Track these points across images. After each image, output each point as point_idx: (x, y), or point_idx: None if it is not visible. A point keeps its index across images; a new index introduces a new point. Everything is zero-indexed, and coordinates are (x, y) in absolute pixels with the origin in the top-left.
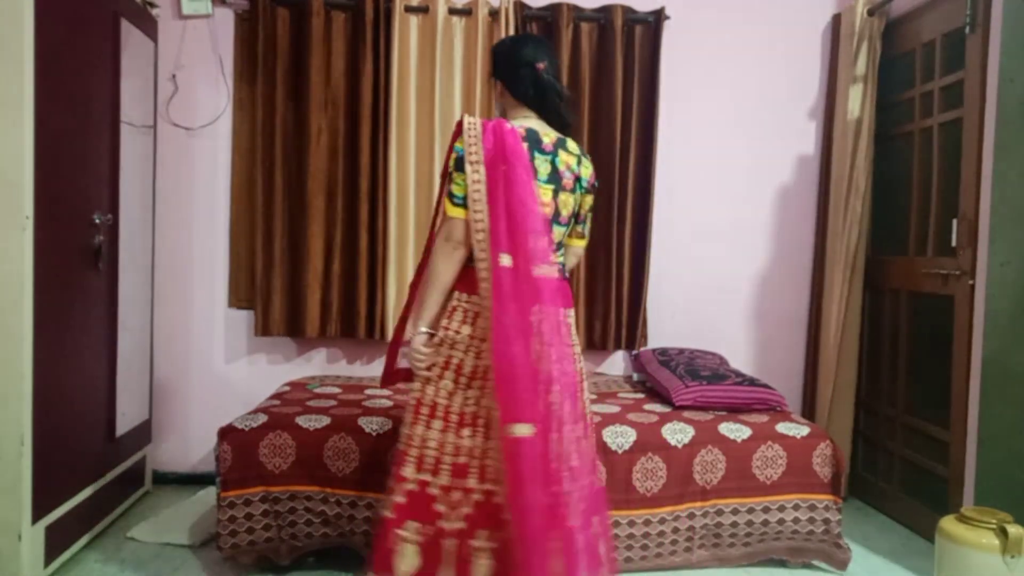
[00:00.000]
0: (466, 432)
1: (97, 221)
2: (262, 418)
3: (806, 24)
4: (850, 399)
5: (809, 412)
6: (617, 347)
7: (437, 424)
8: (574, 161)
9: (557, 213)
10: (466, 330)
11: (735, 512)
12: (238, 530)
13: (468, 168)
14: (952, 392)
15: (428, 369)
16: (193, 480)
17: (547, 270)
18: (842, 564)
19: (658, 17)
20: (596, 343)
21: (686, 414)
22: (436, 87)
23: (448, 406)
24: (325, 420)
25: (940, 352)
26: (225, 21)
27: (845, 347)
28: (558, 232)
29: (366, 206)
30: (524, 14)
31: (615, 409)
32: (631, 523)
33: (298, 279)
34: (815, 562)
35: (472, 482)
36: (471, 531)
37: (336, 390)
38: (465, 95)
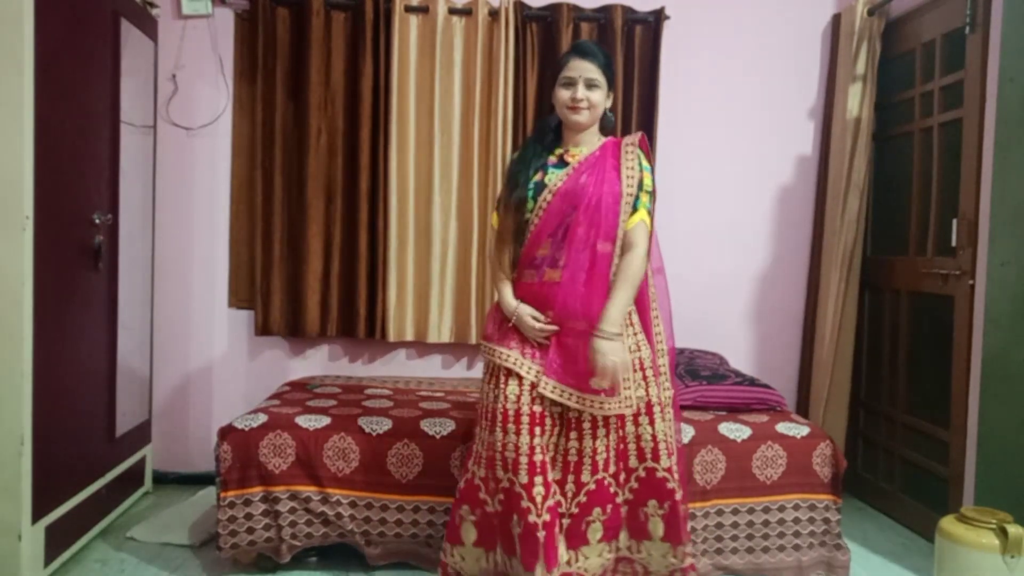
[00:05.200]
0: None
1: (97, 221)
2: (262, 418)
3: (806, 24)
4: (845, 398)
5: (803, 411)
6: None
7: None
8: None
9: None
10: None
11: (735, 512)
12: (238, 530)
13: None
14: (952, 392)
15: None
16: (193, 480)
17: None
18: (843, 568)
19: (658, 17)
20: None
21: (686, 414)
22: (436, 87)
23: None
24: (325, 420)
25: (940, 352)
26: (225, 21)
27: (840, 346)
28: None
29: (366, 206)
30: (524, 14)
31: None
32: None
33: (298, 279)
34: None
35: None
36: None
37: (336, 390)
38: (465, 95)
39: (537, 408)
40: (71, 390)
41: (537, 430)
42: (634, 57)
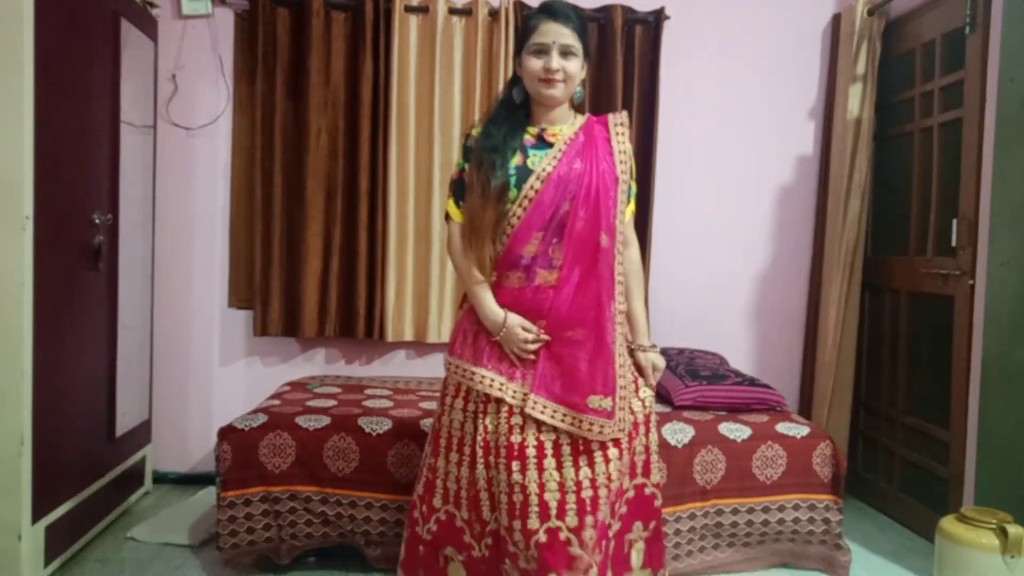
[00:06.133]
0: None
1: (97, 221)
2: (262, 418)
3: (806, 24)
4: (848, 399)
5: (806, 411)
6: None
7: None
8: None
9: None
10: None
11: (735, 512)
12: (238, 530)
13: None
14: (952, 392)
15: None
16: (193, 480)
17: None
18: (843, 568)
19: (658, 17)
20: None
21: (686, 414)
22: (436, 87)
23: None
24: (325, 420)
25: (940, 352)
26: (225, 21)
27: (843, 347)
28: None
29: (365, 206)
30: (524, 14)
31: None
32: None
33: (297, 279)
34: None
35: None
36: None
37: (336, 390)
38: (465, 95)
39: (516, 438)
40: (71, 390)
41: (516, 464)
42: (634, 57)
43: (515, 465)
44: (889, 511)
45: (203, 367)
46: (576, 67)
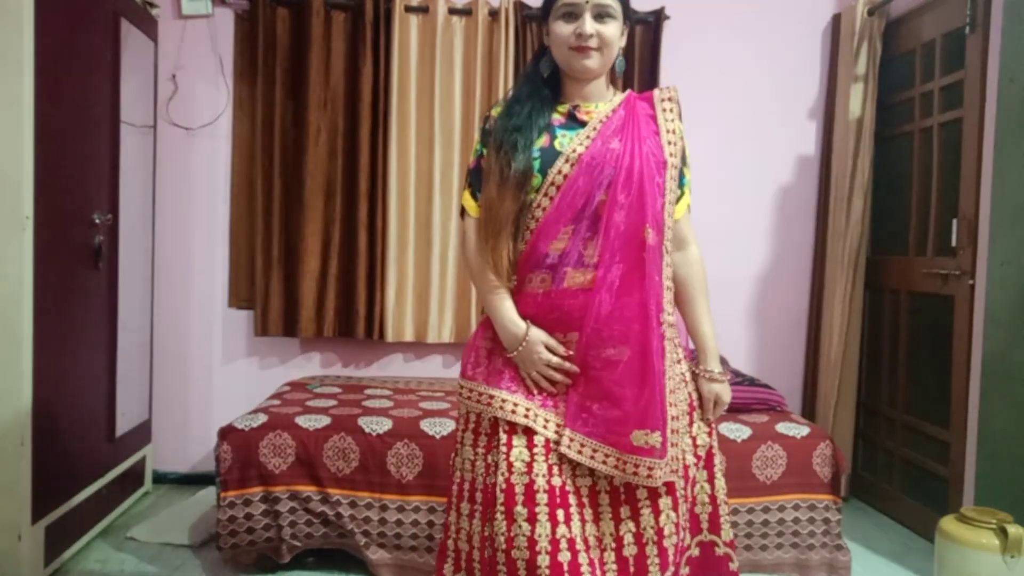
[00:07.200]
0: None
1: (97, 221)
2: (262, 418)
3: (806, 24)
4: (852, 400)
5: (809, 412)
6: None
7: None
8: None
9: None
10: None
11: (735, 512)
12: (238, 530)
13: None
14: (952, 392)
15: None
16: (193, 480)
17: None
18: (844, 569)
19: (658, 17)
20: None
21: None
22: (436, 87)
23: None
24: (325, 420)
25: (940, 352)
26: (225, 21)
27: (848, 348)
28: None
29: (365, 206)
30: (524, 14)
31: None
32: None
33: (297, 279)
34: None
35: None
36: None
37: (336, 390)
38: (465, 95)
39: (557, 481)
40: (71, 390)
41: (560, 513)
42: (634, 57)
43: (560, 514)
44: (889, 511)
45: (203, 367)
46: (614, 32)
